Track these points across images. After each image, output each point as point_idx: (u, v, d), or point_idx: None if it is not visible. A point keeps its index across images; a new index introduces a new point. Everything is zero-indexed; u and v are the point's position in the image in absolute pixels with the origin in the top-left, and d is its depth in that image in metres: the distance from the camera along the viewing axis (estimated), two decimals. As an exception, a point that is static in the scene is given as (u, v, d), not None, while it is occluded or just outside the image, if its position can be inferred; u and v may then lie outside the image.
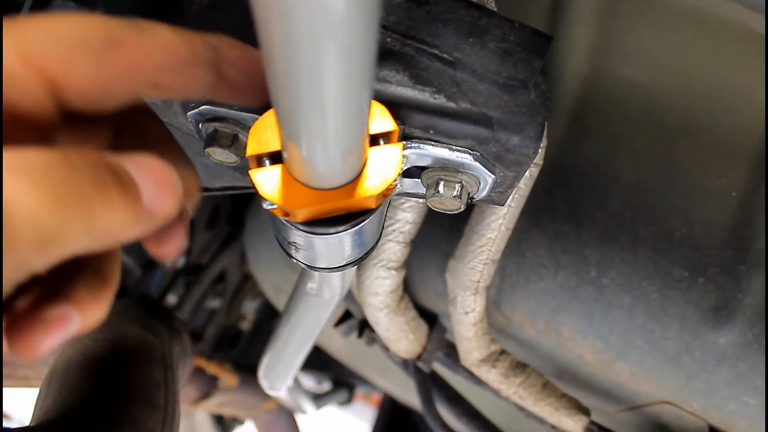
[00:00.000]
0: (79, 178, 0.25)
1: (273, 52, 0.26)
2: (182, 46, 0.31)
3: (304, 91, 0.28)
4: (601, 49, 0.74)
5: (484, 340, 0.75)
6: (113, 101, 0.31)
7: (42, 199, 0.24)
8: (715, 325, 0.69)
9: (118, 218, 0.27)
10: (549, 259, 0.73)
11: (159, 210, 0.29)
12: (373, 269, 0.70)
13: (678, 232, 0.71)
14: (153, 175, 0.29)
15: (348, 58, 0.26)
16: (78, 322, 0.30)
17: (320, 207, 0.38)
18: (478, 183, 0.46)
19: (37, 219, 0.23)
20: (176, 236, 0.35)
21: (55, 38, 0.28)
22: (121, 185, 0.27)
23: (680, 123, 0.73)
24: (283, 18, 0.24)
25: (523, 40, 0.44)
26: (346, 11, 0.23)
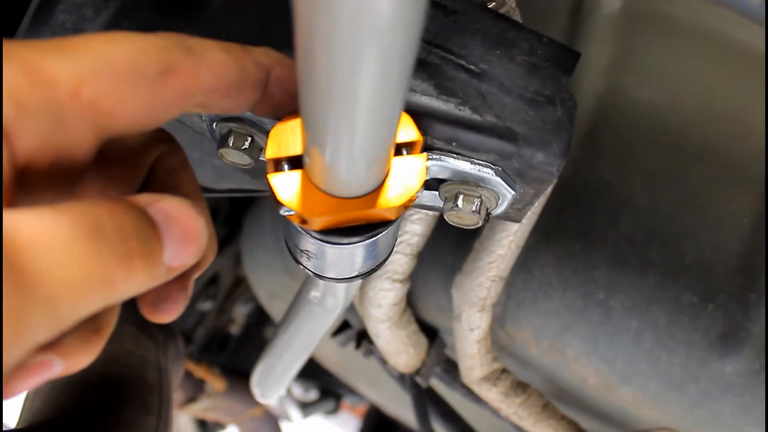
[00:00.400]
0: (107, 251, 0.23)
1: (310, 51, 0.25)
2: (233, 69, 0.30)
3: (337, 94, 0.27)
4: (618, 68, 0.74)
5: (486, 358, 0.74)
6: (156, 125, 0.29)
7: (67, 274, 0.22)
8: (723, 354, 0.68)
9: (136, 285, 0.25)
10: (557, 278, 0.72)
11: (177, 266, 0.27)
12: (378, 281, 0.69)
13: (689, 256, 0.70)
14: (180, 228, 0.27)
15: (388, 64, 0.25)
16: (61, 368, 0.29)
17: (339, 216, 0.37)
18: (497, 198, 0.45)
19: (55, 291, 0.22)
20: (177, 301, 0.33)
21: (110, 68, 0.26)
22: (147, 253, 0.25)
23: (695, 146, 0.72)
24: (327, 17, 0.23)
25: (550, 55, 0.43)
26: (393, 14, 0.22)
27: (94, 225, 0.23)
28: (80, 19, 0.47)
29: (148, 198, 0.27)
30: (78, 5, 0.47)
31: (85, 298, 0.23)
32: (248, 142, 0.45)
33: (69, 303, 0.22)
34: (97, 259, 0.23)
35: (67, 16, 0.47)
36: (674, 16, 0.71)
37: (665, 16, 0.71)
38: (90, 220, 0.23)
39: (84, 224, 0.23)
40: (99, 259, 0.23)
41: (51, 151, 0.26)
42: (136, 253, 0.25)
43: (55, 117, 0.25)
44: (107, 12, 0.47)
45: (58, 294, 0.22)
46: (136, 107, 0.27)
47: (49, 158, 0.26)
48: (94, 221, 0.23)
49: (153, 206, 0.27)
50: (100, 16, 0.47)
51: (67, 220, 0.23)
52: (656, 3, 0.71)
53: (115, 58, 0.26)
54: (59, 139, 0.26)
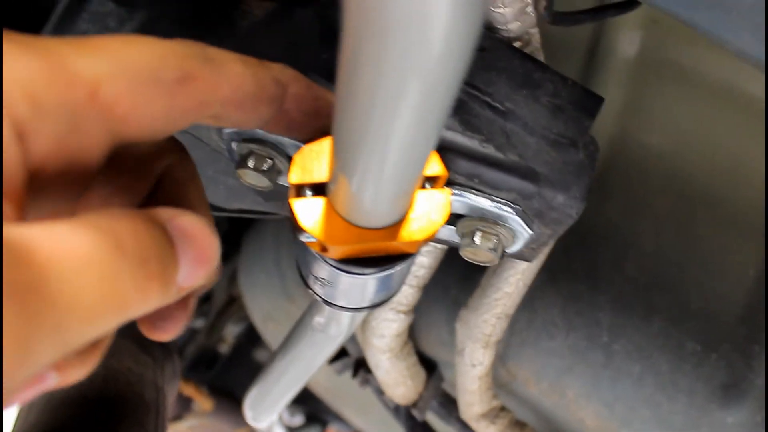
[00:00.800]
0: (125, 274, 0.22)
1: (353, 79, 0.25)
2: (251, 82, 0.30)
3: (374, 125, 0.27)
4: (630, 112, 0.74)
5: (487, 394, 0.73)
6: (168, 133, 0.28)
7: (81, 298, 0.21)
8: (724, 404, 0.68)
9: (149, 307, 0.24)
10: (561, 318, 0.72)
11: (188, 286, 0.26)
12: (382, 311, 0.69)
13: (693, 304, 0.70)
14: (196, 247, 0.26)
15: (430, 101, 0.25)
16: (56, 381, 0.27)
17: (360, 246, 0.37)
18: (513, 237, 0.45)
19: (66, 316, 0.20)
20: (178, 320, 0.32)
21: (129, 71, 0.25)
22: (164, 275, 0.24)
23: (702, 194, 0.72)
24: (376, 49, 0.23)
25: (575, 98, 0.43)
26: (443, 54, 0.22)
27: (114, 244, 0.22)
28: (103, 29, 0.47)
29: (168, 213, 0.26)
30: (102, 15, 0.47)
31: (97, 322, 0.22)
32: (268, 164, 0.45)
33: (79, 328, 0.21)
34: (114, 282, 0.22)
35: (90, 25, 0.47)
36: (687, 65, 0.72)
37: (679, 65, 0.72)
38: (110, 239, 0.22)
39: (103, 244, 0.22)
40: (116, 283, 0.22)
41: (64, 154, 0.25)
42: (154, 276, 0.24)
43: (70, 118, 0.24)
44: (131, 24, 0.47)
45: (68, 319, 0.20)
46: (152, 114, 0.26)
47: (62, 161, 0.25)
48: (115, 240, 0.22)
49: (171, 222, 0.26)
50: (123, 28, 0.47)
51: (86, 239, 0.21)
52: (671, 51, 0.72)
53: (135, 62, 0.26)
54: (73, 141, 0.25)
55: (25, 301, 0.19)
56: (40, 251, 0.20)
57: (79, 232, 0.21)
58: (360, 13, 0.21)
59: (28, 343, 0.19)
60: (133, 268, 0.23)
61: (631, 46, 0.72)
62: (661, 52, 0.72)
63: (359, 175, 0.31)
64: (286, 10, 0.44)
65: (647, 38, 0.71)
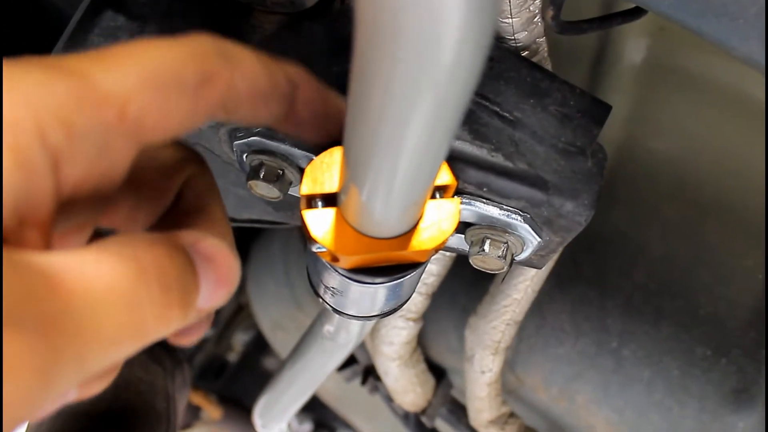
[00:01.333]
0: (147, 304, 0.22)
1: (364, 91, 0.25)
2: (264, 78, 0.29)
3: (385, 136, 0.27)
4: (637, 119, 0.75)
5: (496, 401, 0.73)
6: (189, 131, 0.28)
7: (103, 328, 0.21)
8: (735, 409, 0.68)
9: (168, 331, 0.24)
10: (570, 324, 0.72)
11: (208, 308, 0.26)
12: (392, 318, 0.69)
13: (702, 309, 0.70)
14: (217, 271, 0.26)
15: (441, 113, 0.26)
16: (74, 396, 0.28)
17: (371, 256, 0.37)
18: (522, 245, 0.45)
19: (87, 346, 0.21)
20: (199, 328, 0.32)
21: (154, 81, 0.25)
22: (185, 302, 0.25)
23: (711, 200, 0.73)
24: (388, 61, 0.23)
25: (583, 107, 0.44)
26: (454, 66, 0.23)
27: (137, 274, 0.22)
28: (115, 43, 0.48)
29: (190, 237, 0.26)
30: (113, 30, 0.48)
31: (117, 351, 0.22)
32: (279, 175, 0.45)
33: (100, 356, 0.21)
34: (136, 311, 0.22)
35: (102, 39, 0.47)
36: (694, 71, 0.72)
37: (685, 71, 0.72)
38: (133, 268, 0.22)
39: (126, 273, 0.22)
40: (138, 312, 0.22)
41: (94, 176, 0.24)
42: (175, 303, 0.24)
43: (102, 139, 0.24)
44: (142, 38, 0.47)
45: (90, 348, 0.21)
46: (176, 119, 0.26)
47: (92, 183, 0.25)
48: (138, 269, 0.22)
49: (194, 246, 0.26)
50: (134, 43, 0.47)
51: (109, 268, 0.22)
52: (677, 58, 0.72)
53: (158, 69, 0.25)
54: (103, 162, 0.24)
55: (49, 332, 0.19)
56: (65, 282, 0.20)
57: (102, 261, 0.22)
58: (372, 26, 0.22)
59: (49, 373, 0.19)
60: (154, 298, 0.23)
61: (638, 53, 0.73)
62: (668, 58, 0.72)
63: (370, 185, 0.31)
64: (295, 24, 0.44)
65: (654, 45, 0.72)
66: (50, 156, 0.22)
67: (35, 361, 0.19)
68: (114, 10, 0.47)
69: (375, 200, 0.33)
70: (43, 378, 0.19)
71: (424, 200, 0.35)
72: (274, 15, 0.45)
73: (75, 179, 0.24)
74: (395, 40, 0.21)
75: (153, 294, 0.23)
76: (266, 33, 0.44)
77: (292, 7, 0.44)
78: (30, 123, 0.22)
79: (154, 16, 0.47)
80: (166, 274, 0.24)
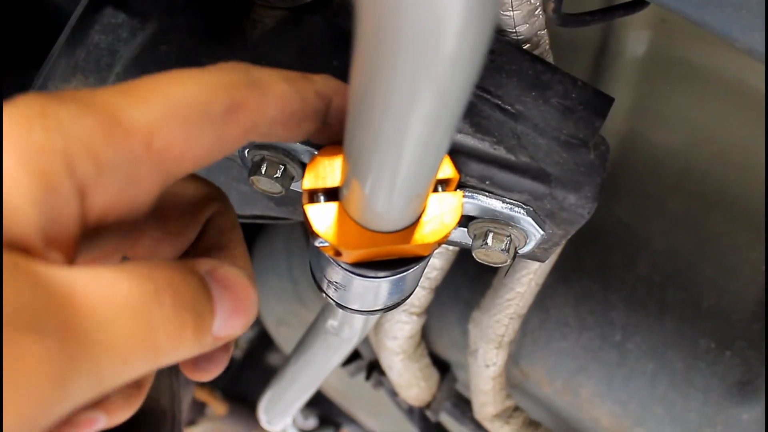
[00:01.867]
0: (160, 322, 0.23)
1: (365, 85, 0.25)
2: (295, 99, 0.30)
3: (387, 129, 0.27)
4: (640, 112, 0.74)
5: (500, 395, 0.73)
6: (217, 159, 0.29)
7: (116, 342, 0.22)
8: (740, 401, 0.67)
9: (183, 355, 0.25)
10: (574, 318, 0.72)
11: (224, 336, 0.27)
12: (395, 313, 0.69)
13: (706, 301, 0.70)
14: (233, 299, 0.27)
15: (442, 105, 0.25)
16: (105, 423, 0.28)
17: (374, 250, 0.37)
18: (525, 238, 0.45)
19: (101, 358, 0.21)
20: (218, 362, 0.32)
21: (180, 113, 0.25)
22: (198, 325, 0.25)
23: (714, 192, 0.72)
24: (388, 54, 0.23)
25: (585, 99, 0.44)
26: (454, 57, 0.23)
27: (151, 293, 0.23)
28: (116, 41, 0.48)
29: (208, 264, 0.27)
30: (114, 27, 0.48)
31: (131, 366, 0.23)
32: (281, 170, 0.45)
33: (113, 370, 0.22)
34: (148, 329, 0.23)
35: (103, 36, 0.47)
36: (697, 63, 0.72)
37: (688, 63, 0.72)
38: (148, 286, 0.23)
39: (141, 291, 0.23)
40: (151, 329, 0.23)
41: (120, 206, 0.25)
42: (188, 325, 0.25)
43: (128, 169, 0.25)
44: (143, 34, 0.47)
45: (103, 361, 0.21)
46: (203, 149, 0.27)
47: (118, 212, 0.25)
48: (152, 289, 0.23)
49: (211, 273, 0.26)
50: (135, 38, 0.47)
51: (125, 285, 0.22)
52: (679, 50, 0.72)
53: (184, 100, 0.26)
54: (129, 193, 0.25)
55: (67, 341, 0.20)
56: (80, 294, 0.21)
57: (119, 278, 0.22)
58: (373, 19, 0.22)
59: (65, 380, 0.20)
60: (167, 316, 0.23)
61: (640, 45, 0.73)
62: (670, 50, 0.72)
63: (372, 179, 0.31)
64: (296, 18, 0.44)
65: (656, 37, 0.71)
66: (77, 184, 0.23)
67: (52, 366, 0.20)
68: (114, 6, 0.47)
69: (377, 194, 0.33)
70: (59, 384, 0.20)
71: (426, 194, 0.35)
72: (274, 9, 0.44)
73: (102, 207, 0.25)
74: (396, 33, 0.21)
75: (166, 313, 0.23)
76: (267, 27, 0.44)
77: (293, 2, 0.44)
78: (60, 151, 0.23)
79: (155, 12, 0.47)
80: (180, 295, 0.24)
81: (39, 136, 0.22)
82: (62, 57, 0.47)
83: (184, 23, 0.47)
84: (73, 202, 0.23)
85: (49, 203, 0.22)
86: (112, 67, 0.47)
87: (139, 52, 0.47)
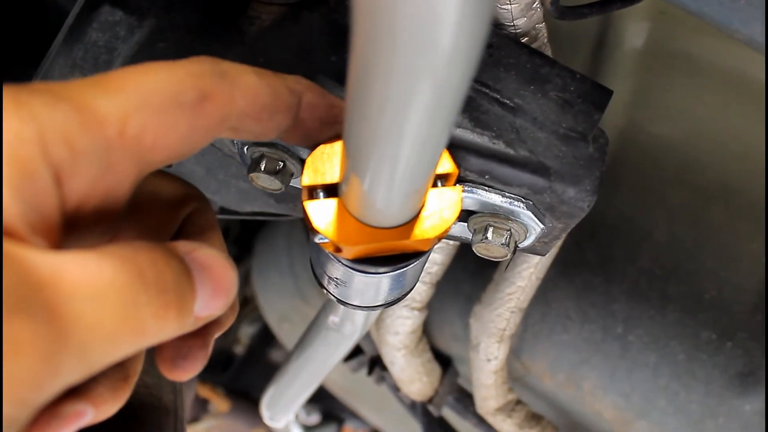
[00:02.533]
0: (144, 301, 0.24)
1: (363, 80, 0.25)
2: (266, 92, 0.30)
3: (385, 124, 0.27)
4: (639, 104, 0.74)
5: (502, 388, 0.73)
6: (190, 154, 0.29)
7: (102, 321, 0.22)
8: (742, 392, 0.68)
9: (166, 334, 0.26)
10: (575, 311, 0.72)
11: (205, 316, 0.28)
12: (396, 308, 0.69)
13: (708, 293, 0.70)
14: (213, 279, 0.27)
15: (440, 99, 0.25)
16: (92, 417, 0.29)
17: (373, 246, 0.37)
18: (525, 232, 0.45)
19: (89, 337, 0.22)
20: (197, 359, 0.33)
21: (151, 101, 0.26)
22: (181, 304, 0.26)
23: (714, 183, 0.72)
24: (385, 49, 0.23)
25: (583, 92, 0.44)
26: (451, 51, 0.23)
27: (135, 273, 0.24)
28: (113, 38, 0.47)
29: (186, 246, 0.27)
30: (111, 24, 0.48)
31: (117, 345, 0.23)
32: (280, 167, 0.45)
33: (100, 349, 0.22)
34: (133, 308, 0.23)
35: (100, 34, 0.47)
36: (696, 54, 0.71)
37: (687, 55, 0.72)
38: (132, 267, 0.24)
39: (125, 272, 0.23)
40: (135, 309, 0.23)
41: (98, 193, 0.26)
42: (172, 305, 0.25)
43: (103, 156, 0.25)
44: (140, 32, 0.47)
45: (90, 340, 0.22)
46: (176, 138, 0.27)
47: (96, 200, 0.26)
48: (136, 269, 0.24)
49: (190, 255, 0.27)
50: (133, 36, 0.47)
51: (109, 267, 0.23)
52: (678, 41, 0.71)
53: (156, 90, 0.27)
54: (106, 179, 0.26)
55: (54, 320, 0.21)
56: (66, 276, 0.22)
57: (103, 260, 0.23)
58: (369, 15, 0.22)
59: (54, 358, 0.21)
60: (151, 296, 0.24)
61: (638, 37, 0.72)
62: (669, 42, 0.72)
63: (371, 175, 0.31)
64: (293, 15, 0.44)
65: (655, 29, 0.71)
66: (53, 171, 0.24)
67: (42, 345, 0.20)
68: (111, 4, 0.47)
69: (376, 190, 0.33)
70: (49, 362, 0.20)
71: (425, 189, 0.34)
72: (272, 6, 0.44)
73: (79, 194, 0.25)
74: (393, 27, 0.21)
75: (150, 293, 0.24)
76: (264, 24, 0.44)
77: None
78: (35, 139, 0.23)
79: (153, 9, 0.47)
80: (162, 275, 0.25)
81: (14, 124, 0.23)
82: (60, 55, 0.47)
83: (182, 20, 0.47)
84: (51, 189, 0.24)
85: (28, 190, 0.23)
86: (110, 64, 0.47)
87: (136, 50, 0.47)
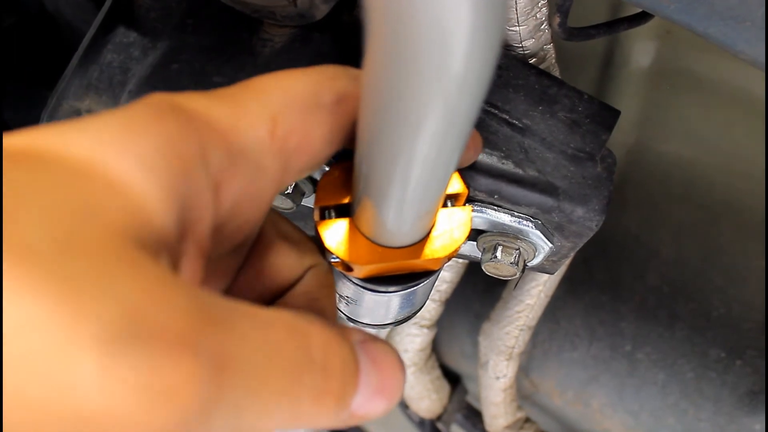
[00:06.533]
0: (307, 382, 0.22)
1: (374, 103, 0.26)
2: None
3: (396, 147, 0.27)
4: (646, 122, 0.75)
5: (511, 406, 0.73)
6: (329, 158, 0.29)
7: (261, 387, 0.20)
8: (751, 410, 0.67)
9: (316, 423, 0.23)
10: (584, 329, 0.72)
11: (362, 415, 0.25)
12: (406, 326, 0.69)
13: (716, 311, 0.70)
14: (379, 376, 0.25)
15: (451, 123, 0.26)
16: None
17: (384, 265, 0.37)
18: (534, 251, 0.45)
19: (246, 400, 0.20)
20: None
21: (296, 102, 0.26)
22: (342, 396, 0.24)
23: (721, 201, 0.72)
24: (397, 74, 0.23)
25: (591, 112, 0.44)
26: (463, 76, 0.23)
27: (304, 348, 0.22)
28: (127, 59, 0.48)
29: (359, 335, 0.26)
30: (126, 46, 0.48)
31: (267, 419, 0.21)
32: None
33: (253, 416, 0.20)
34: (295, 385, 0.21)
35: (115, 55, 0.48)
36: (702, 73, 0.72)
37: (694, 74, 0.72)
38: (303, 341, 0.22)
39: (296, 345, 0.22)
40: (296, 386, 0.21)
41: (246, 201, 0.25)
42: (333, 393, 0.23)
43: (256, 159, 0.25)
44: (154, 53, 0.48)
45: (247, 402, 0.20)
46: (318, 139, 0.28)
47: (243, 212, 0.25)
48: (306, 344, 0.22)
49: (362, 345, 0.25)
50: (147, 57, 0.48)
51: (281, 330, 0.22)
52: (685, 60, 0.72)
53: (298, 93, 0.27)
54: (257, 185, 0.25)
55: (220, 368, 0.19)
56: (241, 325, 0.20)
57: (277, 323, 0.22)
58: (381, 39, 0.22)
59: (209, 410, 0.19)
60: (315, 378, 0.22)
61: (645, 56, 0.73)
62: (676, 61, 0.72)
63: (382, 197, 0.32)
64: (305, 37, 0.45)
65: (661, 48, 0.72)
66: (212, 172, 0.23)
67: (201, 390, 0.18)
68: (126, 26, 0.48)
69: (387, 211, 0.33)
70: (202, 411, 0.18)
71: (436, 209, 0.35)
72: (284, 28, 0.45)
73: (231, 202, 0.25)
74: (405, 51, 0.22)
75: (315, 375, 0.22)
76: (276, 46, 0.45)
77: (302, 20, 0.45)
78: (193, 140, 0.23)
79: (166, 30, 0.48)
80: (331, 360, 0.23)
81: (172, 126, 0.22)
82: (76, 76, 0.48)
83: (195, 42, 0.47)
84: (207, 191, 0.23)
85: (184, 191, 0.22)
86: (125, 85, 0.48)
87: (150, 71, 0.48)
